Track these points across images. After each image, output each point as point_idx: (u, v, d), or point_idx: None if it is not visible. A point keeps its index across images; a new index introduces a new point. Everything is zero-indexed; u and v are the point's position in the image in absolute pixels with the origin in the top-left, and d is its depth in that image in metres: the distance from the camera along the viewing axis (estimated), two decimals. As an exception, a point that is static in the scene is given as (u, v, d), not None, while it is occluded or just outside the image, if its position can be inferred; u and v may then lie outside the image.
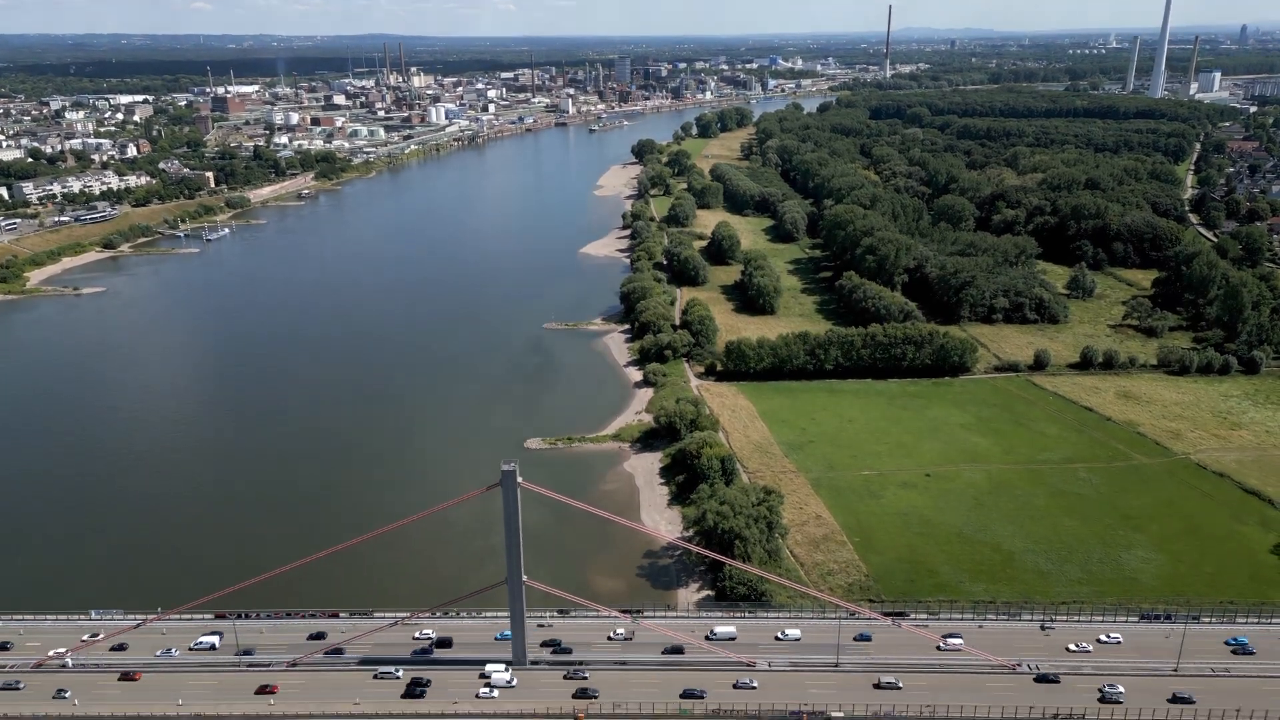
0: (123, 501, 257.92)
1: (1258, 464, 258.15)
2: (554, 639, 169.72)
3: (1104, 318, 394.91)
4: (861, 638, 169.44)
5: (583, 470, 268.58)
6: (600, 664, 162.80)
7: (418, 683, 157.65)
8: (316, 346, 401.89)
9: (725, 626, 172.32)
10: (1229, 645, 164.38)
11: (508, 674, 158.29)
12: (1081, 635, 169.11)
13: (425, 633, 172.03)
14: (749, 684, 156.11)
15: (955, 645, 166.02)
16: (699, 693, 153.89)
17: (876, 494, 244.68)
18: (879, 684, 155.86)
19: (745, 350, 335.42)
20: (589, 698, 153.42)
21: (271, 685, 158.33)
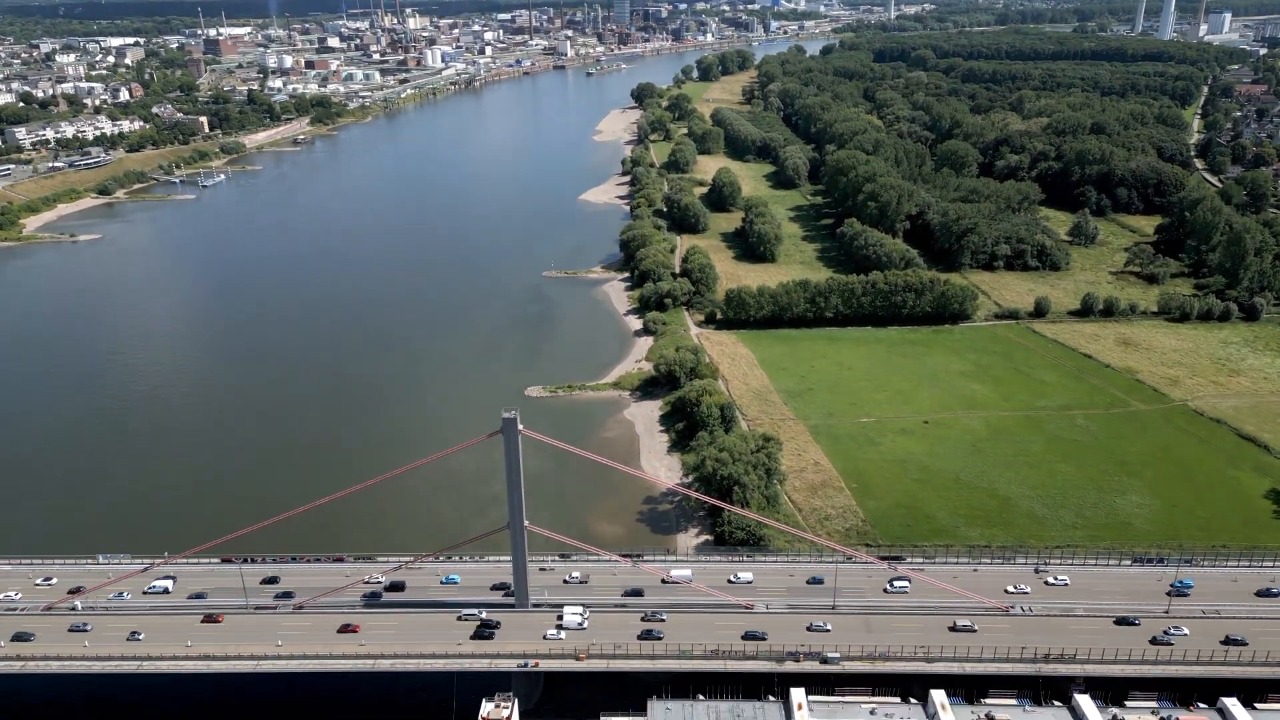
0: (126, 447, 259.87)
1: (1254, 410, 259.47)
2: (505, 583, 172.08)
3: (1106, 265, 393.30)
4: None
5: (583, 418, 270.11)
6: (601, 606, 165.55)
7: (487, 625, 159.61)
8: (315, 294, 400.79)
9: (681, 570, 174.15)
10: (1174, 587, 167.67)
11: (580, 616, 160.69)
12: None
13: (376, 577, 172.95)
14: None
15: (901, 587, 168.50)
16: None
17: (875, 441, 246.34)
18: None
19: (745, 298, 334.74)
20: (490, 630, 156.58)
21: (354, 625, 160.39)
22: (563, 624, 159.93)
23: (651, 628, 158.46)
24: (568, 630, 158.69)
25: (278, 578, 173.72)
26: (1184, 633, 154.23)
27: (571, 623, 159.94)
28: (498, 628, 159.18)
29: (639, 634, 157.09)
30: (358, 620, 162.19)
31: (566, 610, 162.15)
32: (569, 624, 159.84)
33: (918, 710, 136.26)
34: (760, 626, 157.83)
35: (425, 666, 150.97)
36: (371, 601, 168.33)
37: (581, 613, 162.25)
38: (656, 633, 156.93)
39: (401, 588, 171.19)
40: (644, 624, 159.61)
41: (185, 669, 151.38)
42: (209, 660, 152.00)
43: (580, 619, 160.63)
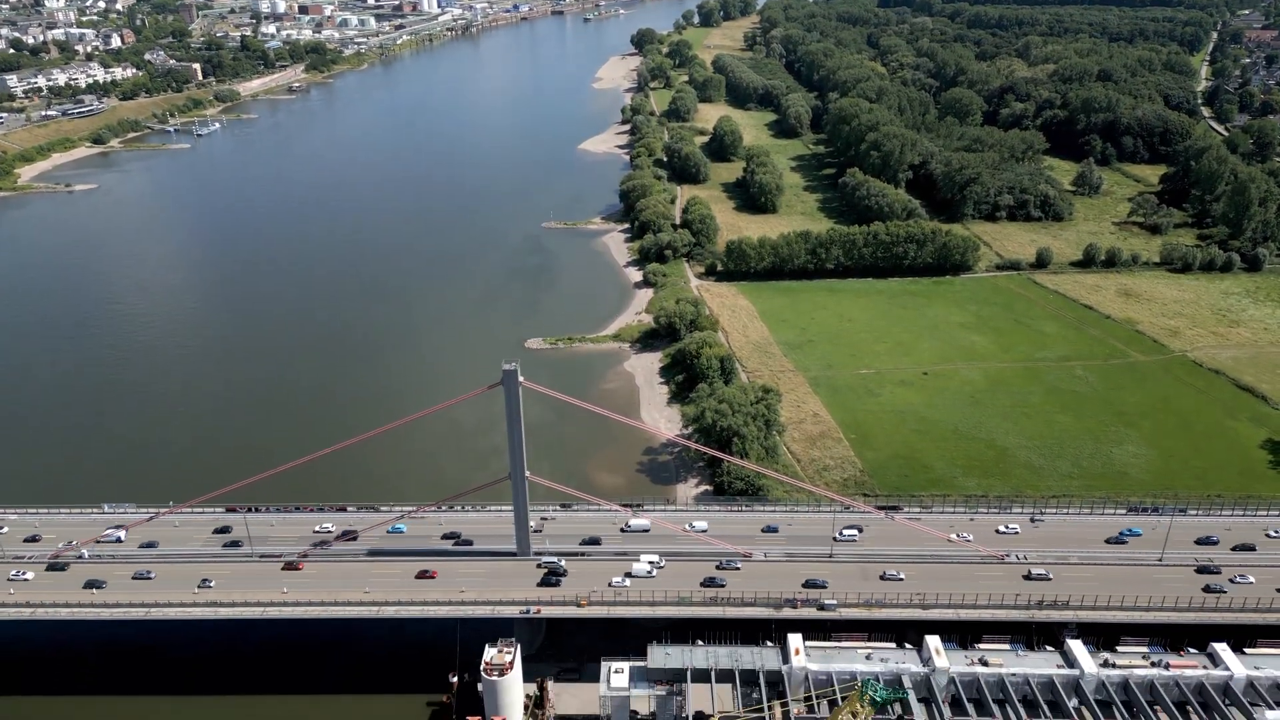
0: (125, 398, 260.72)
1: (1253, 361, 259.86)
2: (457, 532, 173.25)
3: (1109, 215, 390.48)
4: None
5: (583, 370, 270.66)
6: (600, 555, 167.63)
7: (555, 572, 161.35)
8: (311, 244, 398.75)
9: (640, 520, 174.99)
10: (1122, 536, 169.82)
11: (649, 566, 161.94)
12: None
13: (326, 527, 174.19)
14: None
15: (850, 536, 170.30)
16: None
17: (874, 392, 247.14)
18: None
19: (746, 250, 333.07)
20: (558, 577, 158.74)
21: (431, 571, 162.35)
22: (631, 573, 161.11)
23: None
24: (635, 578, 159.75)
25: (229, 527, 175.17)
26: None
27: (640, 571, 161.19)
28: (565, 575, 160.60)
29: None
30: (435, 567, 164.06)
31: (643, 557, 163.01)
32: (638, 573, 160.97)
33: (913, 655, 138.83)
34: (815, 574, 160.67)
35: (429, 613, 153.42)
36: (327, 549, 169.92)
37: (657, 561, 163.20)
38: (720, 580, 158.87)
39: (355, 537, 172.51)
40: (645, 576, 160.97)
41: (193, 615, 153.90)
42: (216, 606, 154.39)
43: (650, 569, 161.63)
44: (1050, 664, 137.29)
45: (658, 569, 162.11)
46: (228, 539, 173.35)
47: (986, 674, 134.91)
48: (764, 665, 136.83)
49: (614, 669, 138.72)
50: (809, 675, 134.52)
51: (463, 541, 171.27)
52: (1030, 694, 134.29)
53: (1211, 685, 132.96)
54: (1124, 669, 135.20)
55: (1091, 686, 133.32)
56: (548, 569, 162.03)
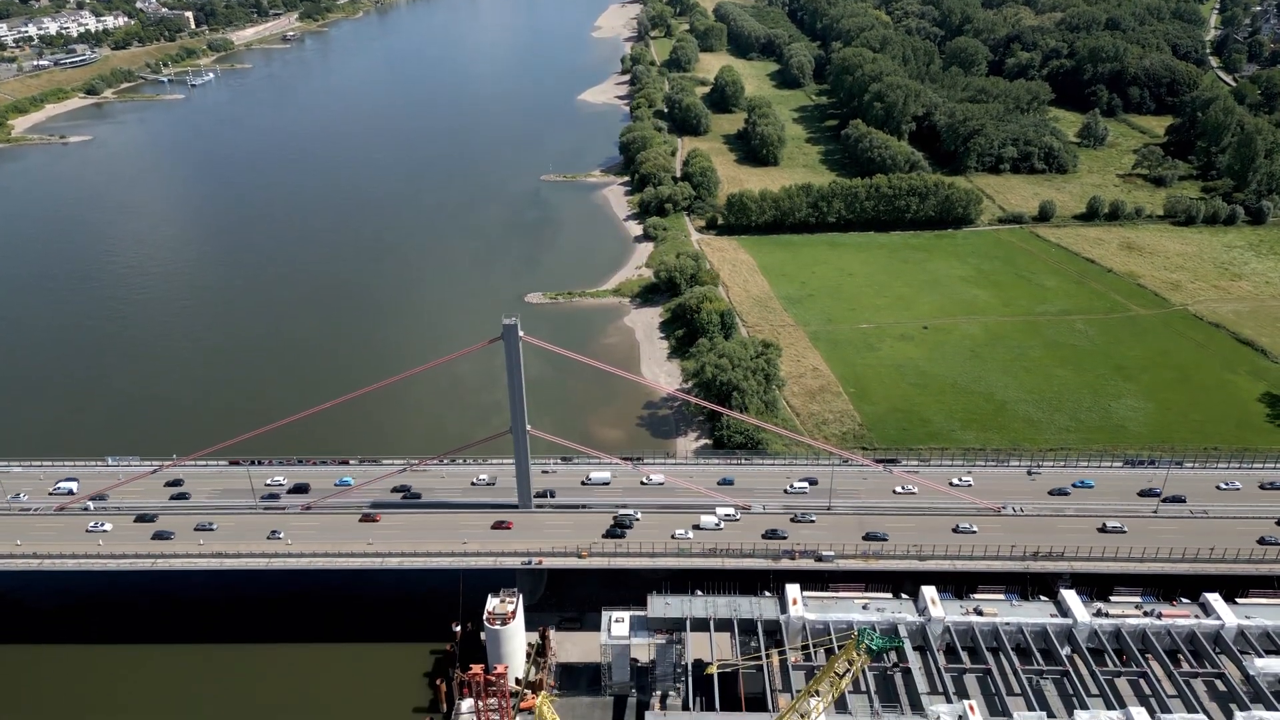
0: (127, 352, 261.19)
1: (1254, 314, 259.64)
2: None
3: (1114, 167, 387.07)
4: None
5: (583, 324, 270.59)
6: (599, 507, 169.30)
7: (620, 524, 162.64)
8: (309, 197, 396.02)
9: (600, 473, 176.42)
10: (1074, 486, 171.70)
11: (717, 518, 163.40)
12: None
13: (278, 480, 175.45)
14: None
15: (801, 488, 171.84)
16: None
17: (874, 346, 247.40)
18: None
19: (747, 203, 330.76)
20: (624, 529, 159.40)
21: (507, 522, 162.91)
22: (700, 525, 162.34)
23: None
24: (702, 530, 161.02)
25: (182, 479, 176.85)
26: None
27: (709, 524, 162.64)
28: (631, 526, 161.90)
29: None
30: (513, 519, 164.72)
31: (719, 510, 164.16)
32: (706, 525, 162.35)
33: (909, 605, 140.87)
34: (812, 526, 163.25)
35: (432, 564, 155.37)
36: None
37: (733, 514, 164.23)
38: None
39: (306, 489, 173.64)
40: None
41: (198, 566, 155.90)
42: (222, 558, 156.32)
43: (718, 522, 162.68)
44: (1044, 614, 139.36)
45: (729, 521, 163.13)
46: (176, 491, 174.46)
47: (981, 623, 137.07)
48: (762, 615, 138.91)
49: (614, 618, 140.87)
50: (806, 625, 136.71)
51: (411, 495, 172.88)
52: (1024, 643, 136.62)
53: (1203, 634, 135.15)
54: (1116, 618, 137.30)
55: (1084, 635, 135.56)
56: (615, 520, 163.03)
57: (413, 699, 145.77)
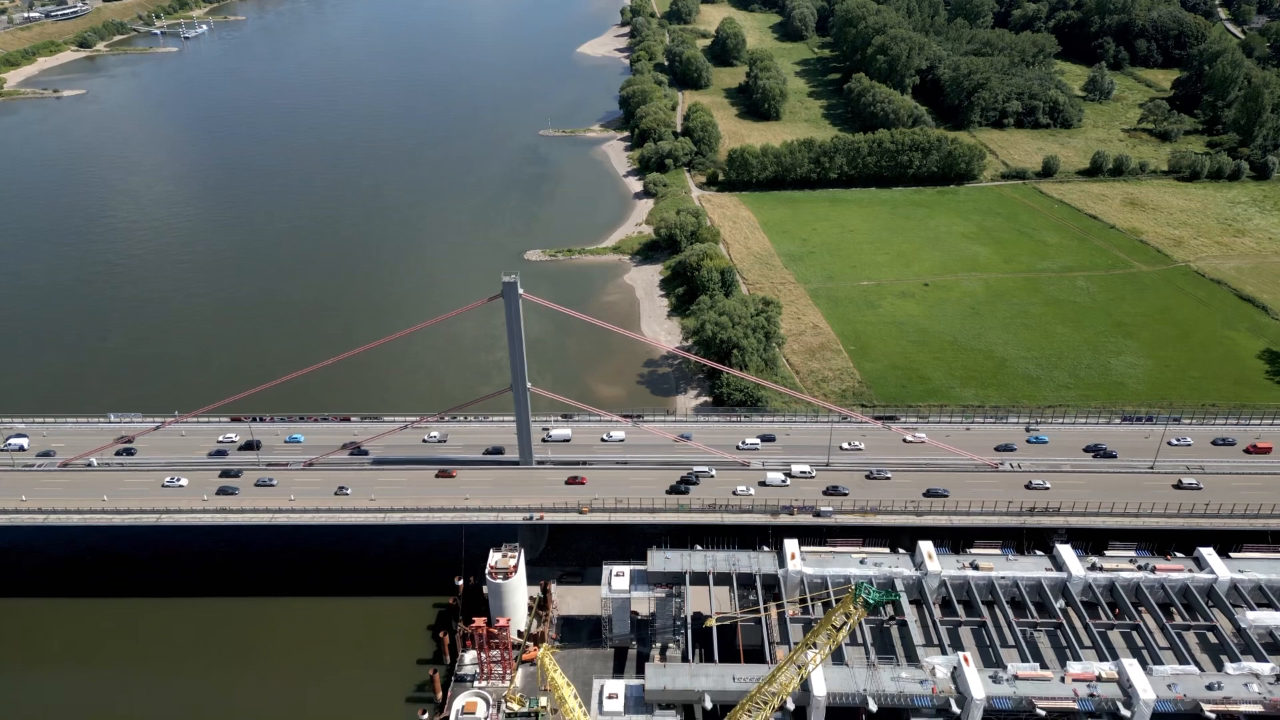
0: (126, 309, 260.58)
1: (1256, 271, 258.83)
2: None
3: (1119, 121, 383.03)
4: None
5: (583, 282, 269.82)
6: (600, 463, 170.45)
7: (687, 480, 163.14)
8: (307, 153, 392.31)
9: (561, 430, 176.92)
10: (1030, 441, 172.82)
11: (782, 475, 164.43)
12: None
13: (230, 437, 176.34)
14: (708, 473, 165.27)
15: (751, 446, 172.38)
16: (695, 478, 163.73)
17: (874, 304, 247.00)
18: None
19: (748, 159, 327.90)
20: (688, 485, 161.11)
21: (581, 479, 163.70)
22: (766, 481, 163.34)
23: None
24: (768, 486, 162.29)
25: (132, 438, 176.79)
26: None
27: (775, 480, 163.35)
28: (697, 483, 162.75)
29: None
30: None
31: (795, 467, 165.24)
32: (771, 481, 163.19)
33: (906, 559, 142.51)
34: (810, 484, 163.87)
35: (434, 519, 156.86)
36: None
37: (808, 471, 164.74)
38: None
39: (257, 446, 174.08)
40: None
41: (202, 521, 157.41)
42: (225, 514, 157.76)
43: (783, 478, 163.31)
44: (1039, 568, 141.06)
45: (800, 477, 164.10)
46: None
47: (977, 577, 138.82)
48: (760, 569, 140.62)
49: (615, 572, 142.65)
50: (804, 579, 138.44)
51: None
52: (1018, 596, 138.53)
53: (1196, 587, 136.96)
54: (1111, 572, 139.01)
55: (1078, 589, 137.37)
56: (683, 478, 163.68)
57: (417, 651, 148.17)
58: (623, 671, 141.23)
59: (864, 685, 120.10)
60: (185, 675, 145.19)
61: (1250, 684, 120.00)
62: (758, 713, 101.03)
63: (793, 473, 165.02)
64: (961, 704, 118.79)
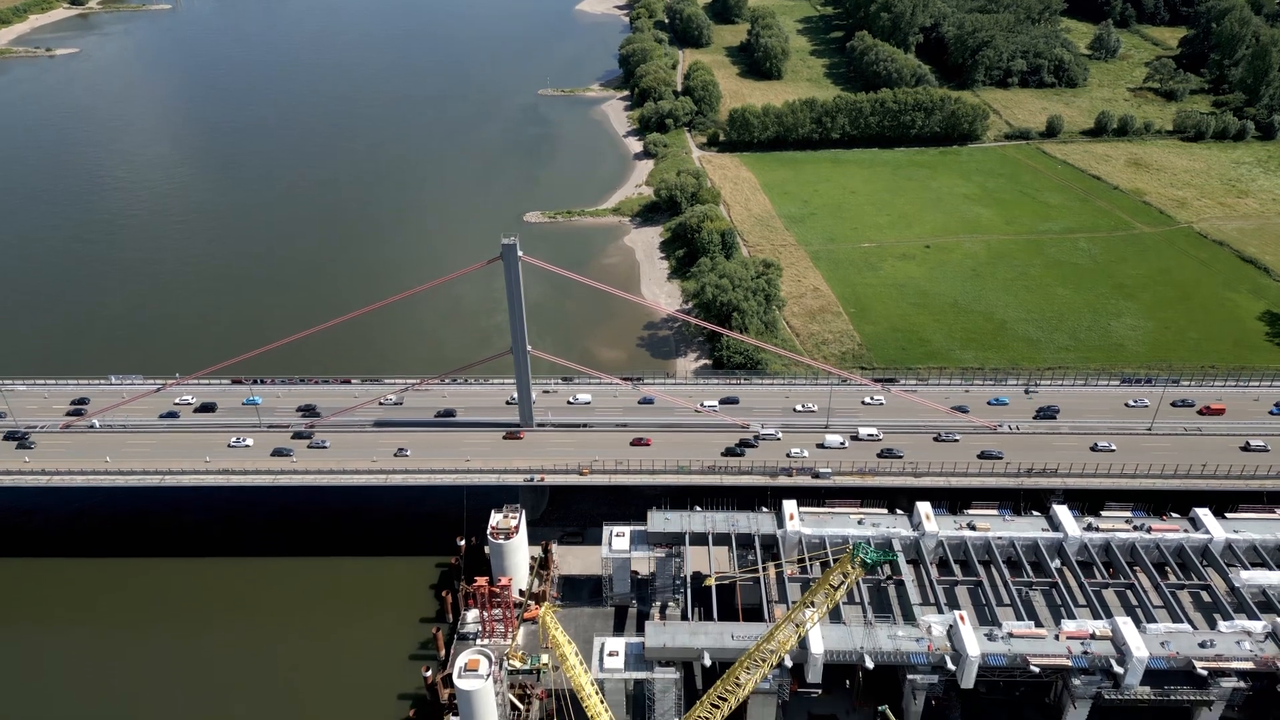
0: (122, 271, 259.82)
1: (1259, 232, 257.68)
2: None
3: (1124, 80, 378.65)
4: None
5: (583, 244, 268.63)
6: (601, 426, 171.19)
7: (745, 443, 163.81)
8: (303, 113, 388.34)
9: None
10: (991, 404, 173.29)
11: (840, 437, 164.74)
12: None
13: (186, 399, 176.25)
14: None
15: (711, 408, 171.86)
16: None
17: (875, 266, 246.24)
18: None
19: (750, 118, 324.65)
20: (746, 447, 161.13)
21: (646, 440, 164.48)
22: (824, 444, 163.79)
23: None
24: (826, 449, 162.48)
25: (87, 399, 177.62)
26: None
27: (833, 442, 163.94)
28: (755, 445, 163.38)
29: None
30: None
31: (862, 430, 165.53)
32: (830, 443, 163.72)
33: (903, 520, 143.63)
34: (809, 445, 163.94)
35: (436, 481, 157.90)
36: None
37: (875, 434, 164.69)
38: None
39: (213, 408, 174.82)
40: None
41: (206, 483, 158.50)
42: (228, 474, 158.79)
43: (842, 440, 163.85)
44: (1035, 528, 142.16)
45: (866, 440, 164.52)
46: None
47: (973, 537, 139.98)
48: (759, 529, 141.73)
49: (615, 533, 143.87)
50: (802, 539, 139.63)
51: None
52: (1015, 555, 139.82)
53: (1191, 547, 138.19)
54: (1106, 532, 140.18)
55: (1074, 548, 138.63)
56: (741, 440, 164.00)
57: (420, 610, 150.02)
58: (623, 630, 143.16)
59: (861, 643, 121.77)
60: (188, 633, 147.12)
61: (1242, 641, 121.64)
62: (756, 670, 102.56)
63: (859, 435, 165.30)
64: (957, 661, 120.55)
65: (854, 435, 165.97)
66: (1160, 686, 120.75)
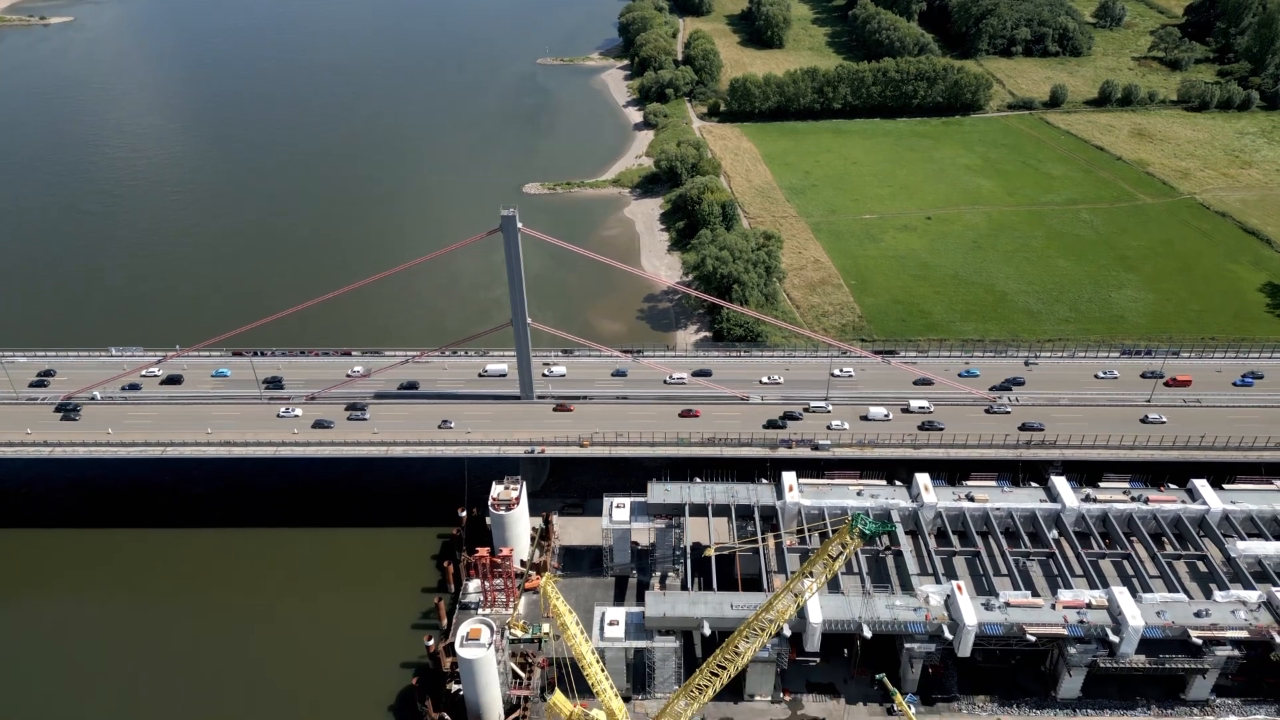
0: (123, 243, 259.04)
1: (1261, 204, 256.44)
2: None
3: (1129, 49, 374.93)
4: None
5: (582, 215, 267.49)
6: (602, 397, 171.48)
7: (789, 415, 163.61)
8: (301, 83, 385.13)
9: (496, 366, 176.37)
10: (962, 375, 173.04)
11: (885, 409, 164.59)
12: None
13: (153, 371, 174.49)
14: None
15: (679, 380, 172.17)
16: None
17: (876, 238, 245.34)
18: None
19: (751, 88, 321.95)
20: (790, 420, 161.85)
21: (694, 410, 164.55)
22: (868, 415, 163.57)
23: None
24: (871, 421, 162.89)
25: (52, 370, 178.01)
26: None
27: (877, 414, 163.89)
28: (799, 418, 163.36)
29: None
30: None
31: (914, 403, 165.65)
32: (875, 415, 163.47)
33: (902, 491, 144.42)
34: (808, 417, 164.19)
35: (437, 453, 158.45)
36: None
37: (926, 406, 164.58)
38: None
39: (179, 380, 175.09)
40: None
41: (207, 454, 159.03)
42: (230, 446, 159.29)
43: (886, 412, 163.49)
44: (1034, 499, 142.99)
45: (917, 413, 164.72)
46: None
47: (972, 508, 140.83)
48: (759, 501, 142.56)
49: (615, 504, 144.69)
50: (802, 510, 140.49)
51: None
52: (1013, 526, 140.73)
53: (1188, 518, 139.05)
54: (1104, 503, 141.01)
55: (1072, 519, 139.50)
56: (785, 412, 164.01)
57: (421, 580, 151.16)
58: (623, 599, 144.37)
59: (859, 613, 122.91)
60: (191, 603, 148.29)
61: (1237, 611, 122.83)
62: (755, 639, 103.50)
63: (910, 408, 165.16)
64: (954, 630, 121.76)
65: (905, 408, 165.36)
66: (1155, 655, 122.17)
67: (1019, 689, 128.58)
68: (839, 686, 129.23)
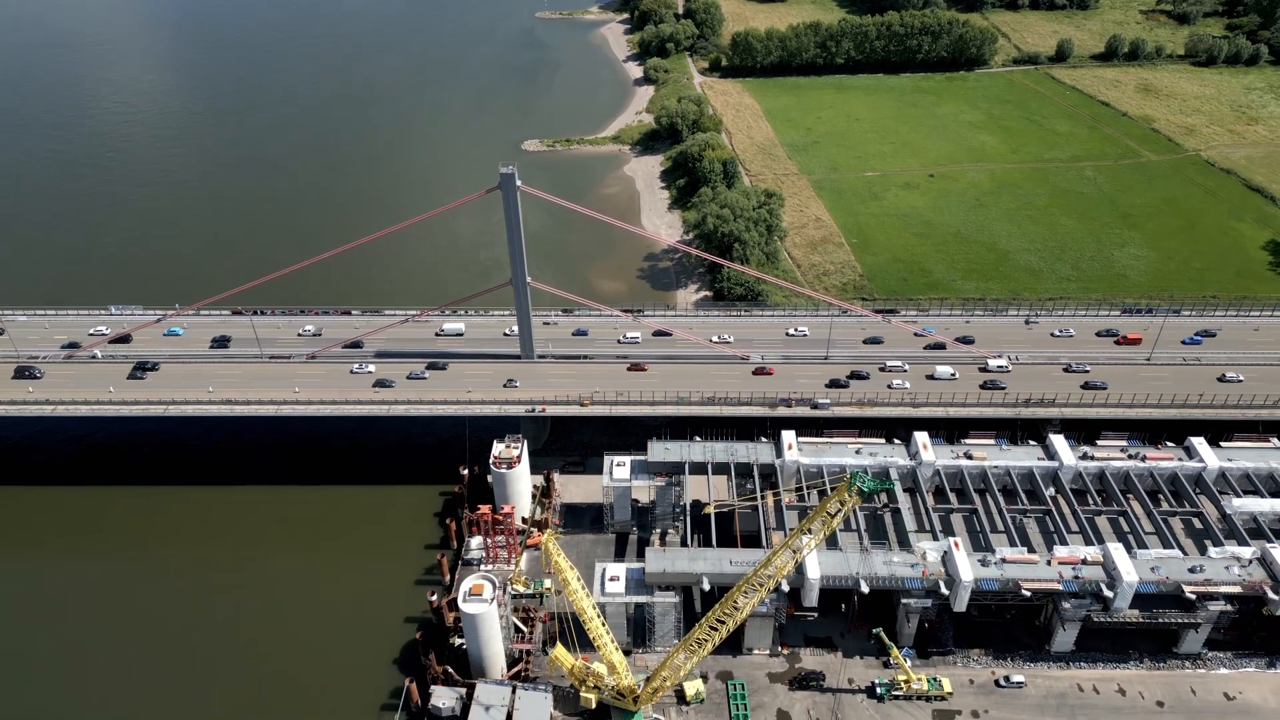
0: (119, 203, 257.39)
1: (1266, 160, 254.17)
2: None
3: (1137, 2, 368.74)
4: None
5: (582, 173, 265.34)
6: (602, 357, 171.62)
7: (856, 374, 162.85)
8: (294, 43, 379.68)
9: (454, 324, 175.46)
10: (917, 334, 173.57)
11: (951, 369, 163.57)
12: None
13: (99, 328, 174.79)
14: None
15: (633, 339, 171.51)
16: None
17: (878, 195, 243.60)
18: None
19: (753, 43, 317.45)
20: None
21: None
22: (934, 374, 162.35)
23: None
24: (937, 380, 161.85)
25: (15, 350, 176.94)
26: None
27: (943, 373, 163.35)
28: (867, 378, 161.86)
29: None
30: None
31: (990, 360, 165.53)
32: (941, 374, 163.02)
33: (901, 450, 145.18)
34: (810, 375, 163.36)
35: (438, 411, 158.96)
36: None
37: (1005, 365, 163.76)
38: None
39: (128, 339, 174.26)
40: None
41: (209, 413, 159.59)
42: (231, 404, 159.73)
43: (953, 371, 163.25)
44: (1031, 457, 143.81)
45: (995, 371, 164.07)
46: None
47: (970, 466, 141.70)
48: (758, 459, 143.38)
49: (616, 462, 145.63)
50: (800, 468, 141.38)
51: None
52: (1010, 484, 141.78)
53: (1184, 475, 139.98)
54: (1101, 461, 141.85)
55: (1069, 477, 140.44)
56: (853, 372, 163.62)
57: (424, 537, 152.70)
58: (624, 555, 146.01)
59: (856, 569, 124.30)
60: (196, 560, 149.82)
61: (1231, 566, 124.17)
62: (754, 594, 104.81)
63: (989, 366, 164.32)
64: (950, 586, 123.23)
65: (983, 366, 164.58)
66: (1149, 610, 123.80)
67: (1013, 642, 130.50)
68: (836, 641, 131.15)
